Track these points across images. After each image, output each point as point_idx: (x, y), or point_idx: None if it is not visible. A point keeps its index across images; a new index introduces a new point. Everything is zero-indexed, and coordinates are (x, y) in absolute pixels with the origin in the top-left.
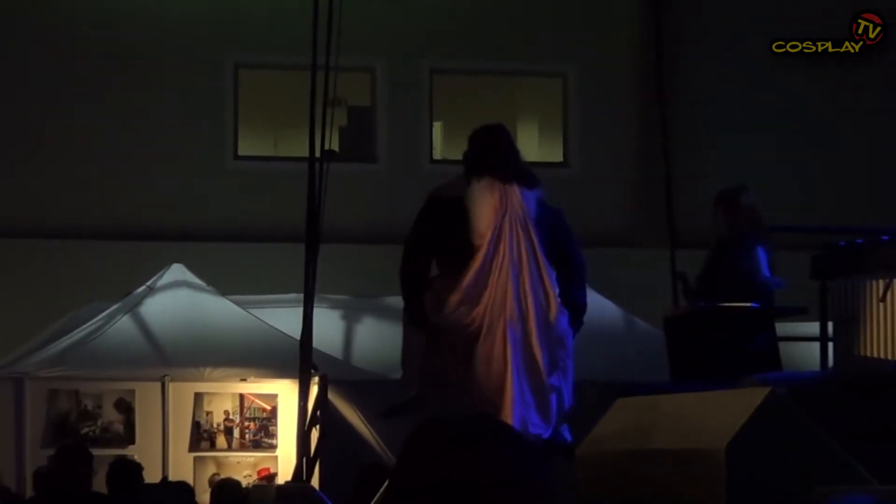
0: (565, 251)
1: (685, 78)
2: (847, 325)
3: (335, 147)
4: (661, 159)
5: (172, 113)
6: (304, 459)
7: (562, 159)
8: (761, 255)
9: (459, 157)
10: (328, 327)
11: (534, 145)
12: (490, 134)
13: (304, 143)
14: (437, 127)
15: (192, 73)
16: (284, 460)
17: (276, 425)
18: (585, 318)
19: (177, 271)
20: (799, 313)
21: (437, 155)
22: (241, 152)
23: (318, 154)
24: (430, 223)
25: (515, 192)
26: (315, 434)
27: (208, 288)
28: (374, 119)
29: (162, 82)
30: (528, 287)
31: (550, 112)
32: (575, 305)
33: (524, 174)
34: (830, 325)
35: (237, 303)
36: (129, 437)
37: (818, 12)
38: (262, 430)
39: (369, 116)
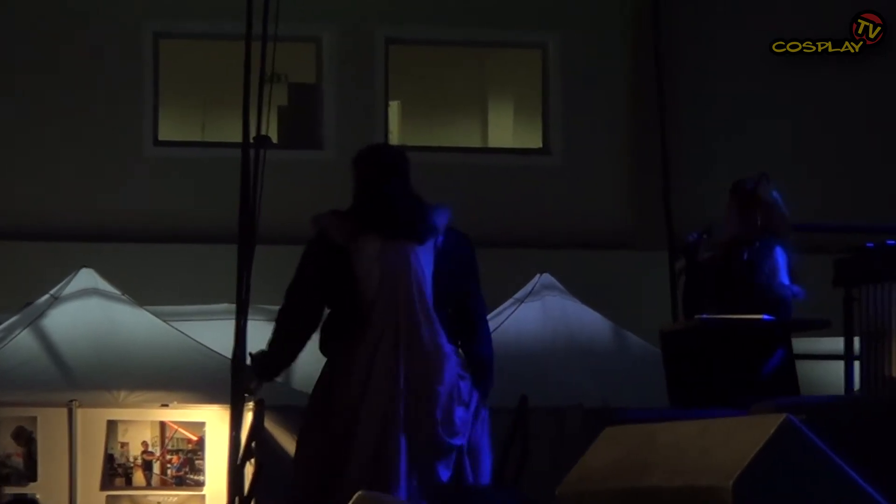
0: (470, 295)
1: (691, 58)
2: (876, 341)
3: (274, 130)
4: (658, 147)
5: (80, 91)
6: (237, 499)
7: (541, 146)
8: (780, 258)
9: (420, 141)
10: (264, 343)
11: (508, 129)
12: (377, 166)
13: (236, 127)
14: (394, 107)
15: (103, 44)
16: (213, 500)
17: (203, 459)
18: (570, 332)
19: (86, 277)
20: (820, 327)
21: (393, 140)
22: (161, 137)
23: (253, 139)
24: (321, 267)
25: (406, 248)
26: (249, 469)
27: (123, 297)
28: (319, 98)
29: (67, 55)
30: (421, 363)
31: (528, 90)
32: (483, 361)
33: (419, 221)
34: (857, 340)
35: (157, 314)
36: (29, 473)
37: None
38: (187, 465)
39: (314, 95)
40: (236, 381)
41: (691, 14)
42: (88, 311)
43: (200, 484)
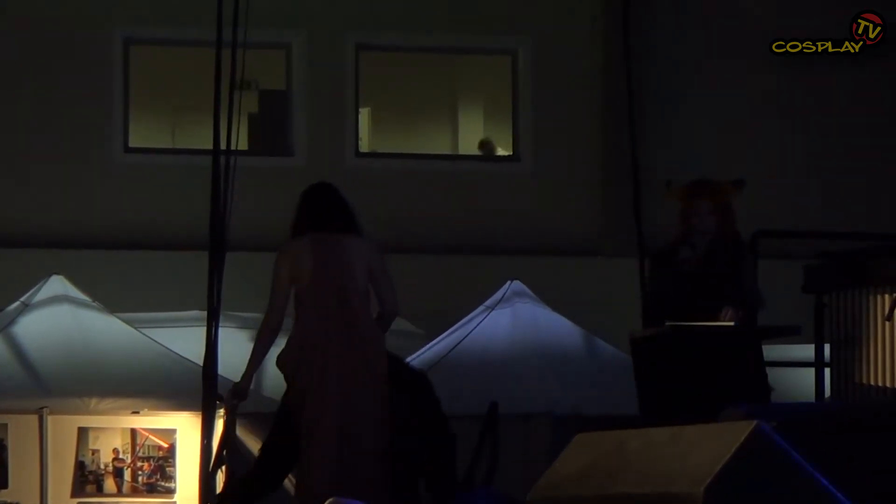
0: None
1: (666, 65)
2: (846, 348)
3: (244, 137)
4: (629, 153)
5: (50, 98)
6: None
7: (511, 153)
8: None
9: (390, 148)
10: (235, 350)
11: (477, 135)
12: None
13: (207, 133)
14: (365, 113)
15: (72, 51)
16: None
17: (174, 466)
18: (540, 339)
19: (56, 284)
20: (790, 334)
21: (363, 147)
22: (132, 144)
23: (223, 146)
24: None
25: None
26: (221, 476)
27: (94, 304)
28: (289, 105)
29: (36, 61)
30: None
31: (497, 96)
32: None
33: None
34: (827, 347)
35: (128, 321)
36: (0, 481)
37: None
38: (158, 472)
39: (284, 101)
40: (207, 388)
41: (680, 16)
42: (59, 317)
43: (171, 491)
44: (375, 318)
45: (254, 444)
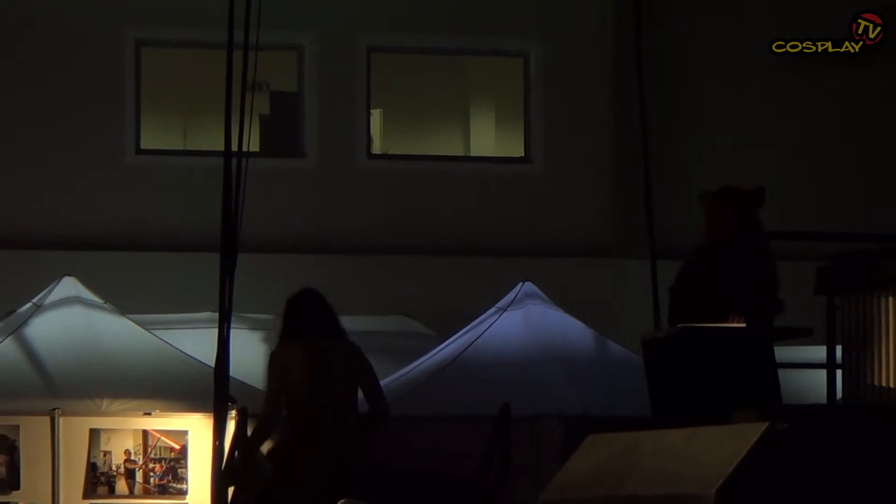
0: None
1: (674, 66)
2: (858, 350)
3: (256, 139)
4: (640, 155)
5: (62, 99)
6: None
7: (523, 154)
8: None
9: (401, 149)
10: (247, 352)
11: (490, 138)
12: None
13: (218, 135)
14: (376, 115)
15: (84, 53)
16: None
17: (186, 467)
18: (551, 340)
19: (68, 286)
20: (802, 335)
21: (375, 148)
22: (143, 145)
23: (235, 148)
24: None
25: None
26: None
27: (105, 305)
28: (301, 106)
29: (48, 63)
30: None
31: (509, 98)
32: None
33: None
34: (839, 349)
35: (140, 323)
36: (12, 482)
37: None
38: (169, 473)
39: (296, 103)
40: (219, 390)
41: (685, 17)
42: (71, 319)
43: (183, 492)
44: (366, 415)
45: (265, 446)
